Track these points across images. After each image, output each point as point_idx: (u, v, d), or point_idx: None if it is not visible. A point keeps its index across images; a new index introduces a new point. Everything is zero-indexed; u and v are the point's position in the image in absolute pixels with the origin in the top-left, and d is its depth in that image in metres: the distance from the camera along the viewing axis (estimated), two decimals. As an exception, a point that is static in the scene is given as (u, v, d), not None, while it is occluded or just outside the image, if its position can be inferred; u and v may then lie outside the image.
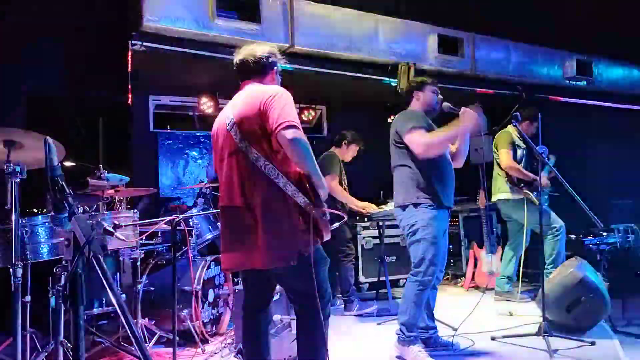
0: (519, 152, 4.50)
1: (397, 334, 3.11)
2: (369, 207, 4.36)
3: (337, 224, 2.83)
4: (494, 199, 4.61)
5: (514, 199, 4.41)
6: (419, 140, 3.02)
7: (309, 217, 2.08)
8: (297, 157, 2.05)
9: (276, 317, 2.99)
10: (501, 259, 4.78)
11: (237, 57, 2.36)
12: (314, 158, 2.08)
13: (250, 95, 2.19)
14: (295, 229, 2.09)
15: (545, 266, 4.37)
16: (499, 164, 4.52)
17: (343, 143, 4.53)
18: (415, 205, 3.07)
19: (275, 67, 2.36)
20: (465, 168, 4.76)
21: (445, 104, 3.23)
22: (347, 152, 4.54)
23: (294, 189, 2.07)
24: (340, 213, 2.78)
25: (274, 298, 2.60)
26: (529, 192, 4.30)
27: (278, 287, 2.58)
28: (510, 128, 4.56)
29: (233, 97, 2.32)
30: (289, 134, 1.99)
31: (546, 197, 4.46)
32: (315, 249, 2.13)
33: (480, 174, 4.79)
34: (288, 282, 2.24)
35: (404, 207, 3.13)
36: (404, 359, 3.05)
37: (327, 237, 2.17)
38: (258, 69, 2.31)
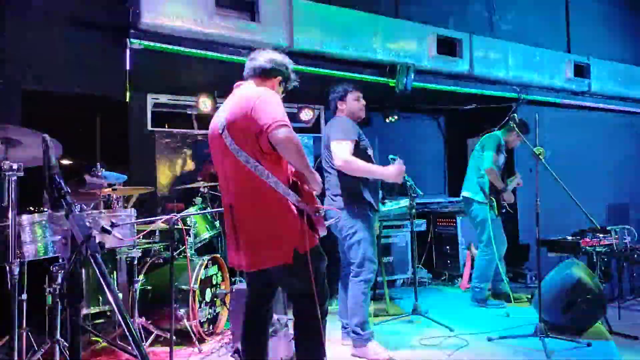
0: (501, 158, 4.53)
1: (351, 337, 3.20)
2: None
3: (332, 220, 2.94)
4: (464, 194, 4.64)
5: (479, 201, 4.46)
6: (342, 154, 3.09)
7: (303, 214, 2.10)
8: (290, 156, 2.08)
9: (273, 317, 2.99)
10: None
11: (250, 56, 2.38)
12: (305, 155, 2.11)
13: (240, 98, 2.20)
14: (289, 227, 2.11)
15: (474, 281, 4.48)
16: (476, 164, 4.54)
17: None
18: (356, 208, 3.18)
19: (278, 77, 2.36)
20: (464, 172, 4.78)
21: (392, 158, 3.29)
22: None
23: (284, 187, 2.09)
24: (334, 209, 2.83)
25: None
26: (494, 199, 4.40)
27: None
28: (499, 132, 4.60)
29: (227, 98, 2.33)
30: (281, 133, 2.01)
31: (504, 210, 4.54)
32: (312, 247, 2.15)
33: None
34: (286, 280, 2.25)
35: (345, 210, 3.18)
36: (366, 358, 3.12)
37: (322, 233, 2.19)
38: (260, 72, 2.32)
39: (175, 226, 2.87)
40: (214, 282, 3.79)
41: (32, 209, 3.04)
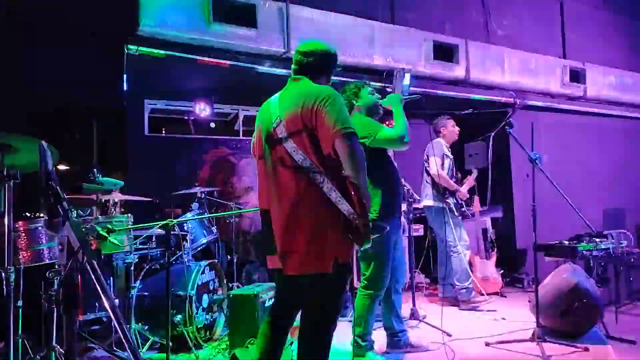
0: (447, 162, 4.65)
1: (352, 345, 3.11)
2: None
3: (376, 235, 2.68)
4: (422, 204, 4.73)
5: (436, 207, 4.55)
6: (392, 135, 2.92)
7: (351, 226, 1.97)
8: (352, 166, 1.95)
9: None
10: (496, 264, 4.81)
11: (298, 49, 2.26)
12: (365, 167, 1.99)
13: (301, 94, 2.08)
14: (336, 237, 2.00)
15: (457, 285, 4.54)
16: (427, 172, 4.64)
17: None
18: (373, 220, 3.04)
19: (331, 69, 2.29)
20: (460, 173, 4.81)
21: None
22: None
23: (338, 195, 1.97)
24: (383, 224, 2.65)
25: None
26: (450, 202, 4.50)
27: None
28: (441, 139, 4.72)
29: (279, 92, 2.22)
30: (348, 141, 1.93)
31: (463, 209, 4.64)
32: (348, 259, 2.06)
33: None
34: (315, 291, 2.09)
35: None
36: None
37: (366, 245, 2.05)
38: (316, 66, 2.22)
39: (172, 232, 2.86)
40: (211, 288, 3.78)
41: (29, 215, 3.04)
